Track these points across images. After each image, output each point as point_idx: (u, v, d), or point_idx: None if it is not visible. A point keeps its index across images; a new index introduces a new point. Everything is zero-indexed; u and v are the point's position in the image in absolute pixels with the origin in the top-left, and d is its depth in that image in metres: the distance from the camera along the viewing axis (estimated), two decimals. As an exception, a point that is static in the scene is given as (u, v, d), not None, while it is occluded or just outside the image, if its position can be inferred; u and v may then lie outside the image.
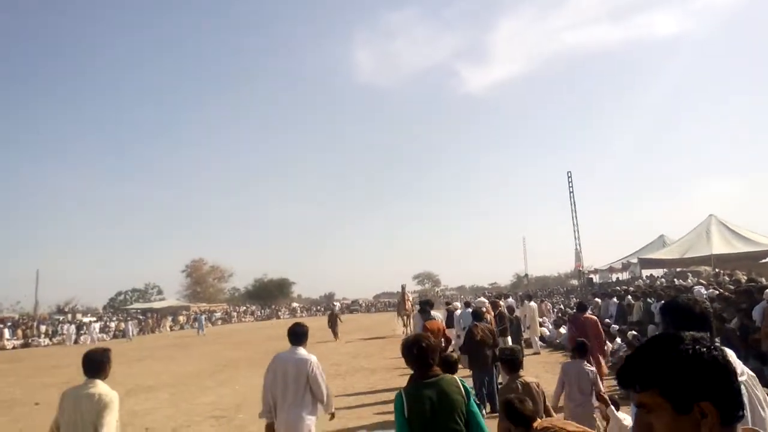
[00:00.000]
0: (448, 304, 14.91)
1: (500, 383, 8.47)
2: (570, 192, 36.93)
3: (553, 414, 4.40)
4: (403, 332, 20.36)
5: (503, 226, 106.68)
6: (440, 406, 3.00)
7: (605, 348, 9.73)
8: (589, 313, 9.23)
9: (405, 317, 22.23)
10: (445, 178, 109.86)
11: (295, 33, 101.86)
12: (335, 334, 23.70)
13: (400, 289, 23.99)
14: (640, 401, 1.06)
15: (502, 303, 12.65)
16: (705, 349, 1.03)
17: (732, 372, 1.04)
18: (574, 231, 36.97)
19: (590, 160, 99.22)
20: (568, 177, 37.24)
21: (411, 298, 24.35)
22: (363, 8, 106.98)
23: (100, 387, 3.67)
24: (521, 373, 4.39)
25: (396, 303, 29.55)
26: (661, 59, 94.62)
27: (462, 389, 3.09)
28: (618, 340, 11.82)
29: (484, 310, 9.50)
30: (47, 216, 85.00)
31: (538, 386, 4.24)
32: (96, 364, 3.77)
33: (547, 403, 4.32)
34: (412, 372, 3.25)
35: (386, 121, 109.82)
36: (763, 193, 71.71)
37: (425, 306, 9.79)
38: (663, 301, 10.66)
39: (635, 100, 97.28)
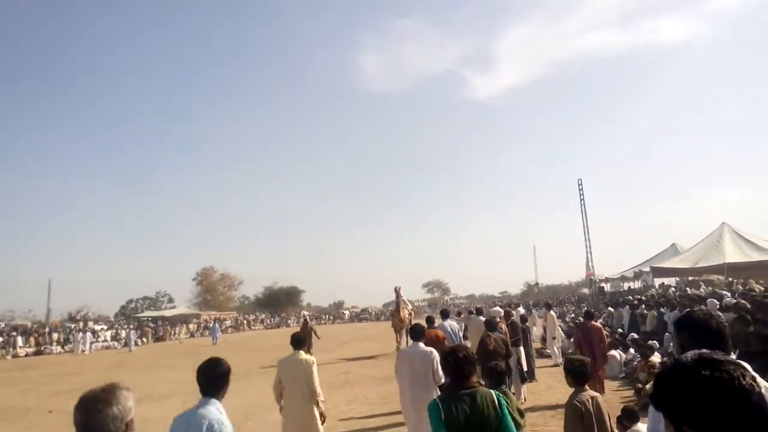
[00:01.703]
0: (459, 314, 14.70)
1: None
2: (581, 200, 36.70)
3: None
4: (398, 349, 15.95)
5: (513, 234, 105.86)
6: (473, 419, 3.02)
7: (608, 354, 10.00)
8: (595, 321, 9.84)
9: (400, 330, 17.23)
10: (453, 186, 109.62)
11: (302, 38, 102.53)
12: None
13: (402, 296, 18.39)
14: None
15: (514, 312, 12.57)
16: (744, 381, 1.01)
17: None
18: (585, 239, 36.70)
19: (600, 166, 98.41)
20: (579, 184, 37.02)
21: (409, 305, 19.23)
22: (371, 14, 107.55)
23: (303, 355, 5.69)
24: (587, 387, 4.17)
25: (390, 312, 22.69)
26: (669, 64, 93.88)
27: (497, 404, 3.09)
28: (632, 350, 11.68)
29: (498, 319, 9.41)
30: (59, 224, 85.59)
31: (603, 402, 4.09)
32: (300, 341, 5.87)
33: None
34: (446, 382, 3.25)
35: (394, 127, 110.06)
36: (778, 200, 70.40)
37: (435, 316, 9.78)
38: (677, 312, 10.54)
39: (645, 105, 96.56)
